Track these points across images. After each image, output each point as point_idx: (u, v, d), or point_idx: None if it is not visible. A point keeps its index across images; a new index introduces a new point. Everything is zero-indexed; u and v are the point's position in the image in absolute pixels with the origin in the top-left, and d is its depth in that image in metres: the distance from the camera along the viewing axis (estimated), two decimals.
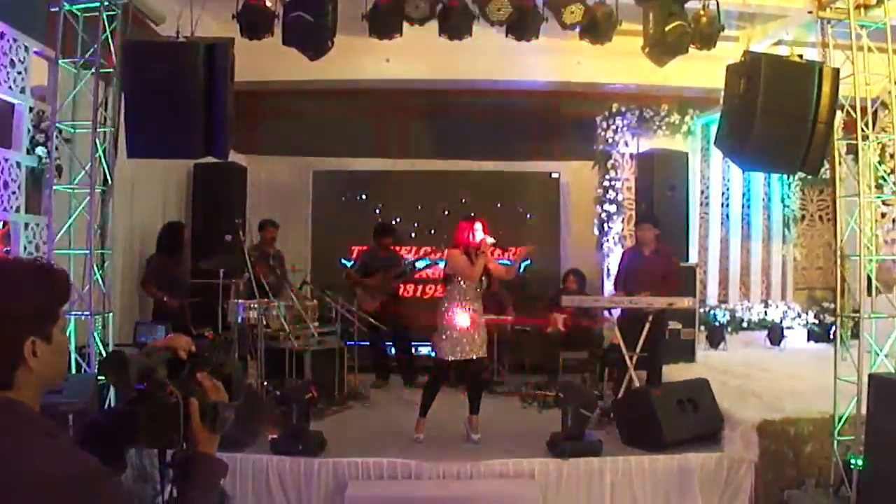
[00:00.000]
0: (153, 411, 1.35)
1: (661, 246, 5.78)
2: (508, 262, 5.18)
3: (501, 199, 7.83)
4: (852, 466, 4.13)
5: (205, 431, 1.40)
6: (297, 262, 6.76)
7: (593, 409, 4.76)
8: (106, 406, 3.93)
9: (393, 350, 6.91)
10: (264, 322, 5.33)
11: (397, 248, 7.29)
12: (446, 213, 7.74)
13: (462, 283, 4.75)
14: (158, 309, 5.87)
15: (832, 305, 6.80)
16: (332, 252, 7.79)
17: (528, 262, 7.38)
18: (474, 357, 4.78)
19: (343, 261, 7.58)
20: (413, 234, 7.82)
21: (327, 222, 7.83)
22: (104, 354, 4.20)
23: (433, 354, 4.97)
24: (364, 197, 7.92)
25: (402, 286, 7.33)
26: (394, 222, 7.31)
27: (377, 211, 7.79)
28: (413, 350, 6.95)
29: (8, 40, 4.38)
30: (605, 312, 6.34)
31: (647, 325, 5.26)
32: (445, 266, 4.89)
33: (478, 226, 4.79)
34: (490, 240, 4.76)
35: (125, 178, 5.54)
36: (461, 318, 4.71)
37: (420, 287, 7.81)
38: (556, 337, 6.70)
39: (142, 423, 1.34)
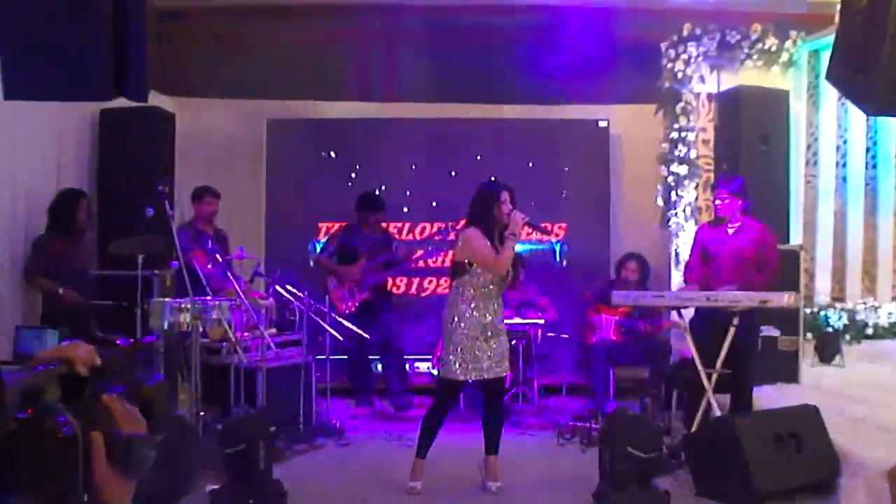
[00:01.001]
0: (40, 448, 1.33)
1: (750, 221, 5.75)
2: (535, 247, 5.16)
3: (530, 158, 7.88)
4: None
5: (114, 476, 1.38)
6: (246, 245, 6.74)
7: (657, 447, 4.74)
8: None
9: (380, 367, 6.97)
10: (201, 328, 5.33)
11: (387, 227, 7.36)
12: (453, 174, 7.77)
13: (481, 275, 4.76)
14: (50, 307, 5.86)
15: None
16: (294, 231, 7.82)
17: (559, 245, 7.39)
18: (493, 376, 4.80)
19: (317, 244, 7.62)
20: (406, 208, 7.85)
21: (287, 190, 7.87)
22: None
23: (436, 372, 5.00)
24: (336, 154, 7.98)
25: (392, 279, 7.38)
26: (378, 191, 7.34)
27: (353, 175, 7.85)
28: (407, 366, 7.01)
29: None
30: (673, 314, 6.32)
31: (732, 332, 5.23)
32: (456, 251, 4.90)
33: (503, 195, 4.78)
34: (520, 216, 4.73)
35: (2, 128, 5.51)
36: (476, 322, 4.74)
37: (417, 280, 7.85)
38: (604, 348, 6.73)
39: (23, 464, 1.32)
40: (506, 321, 5.05)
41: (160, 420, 1.51)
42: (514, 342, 6.42)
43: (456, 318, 4.76)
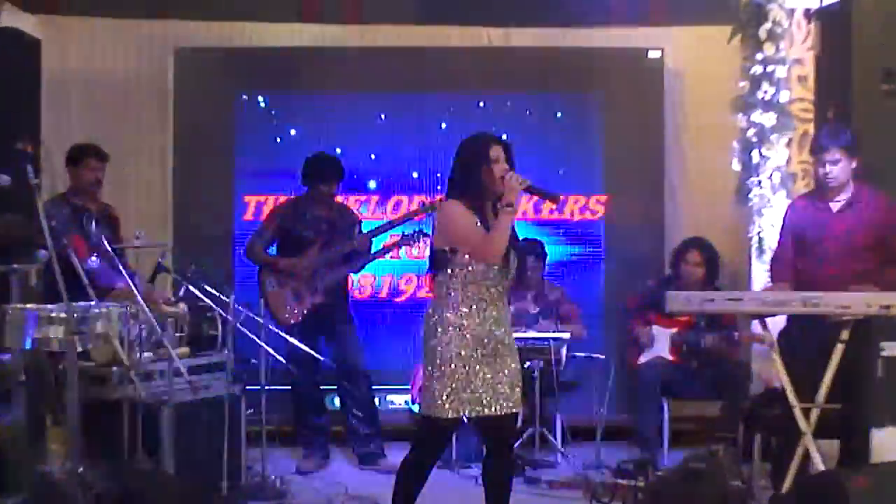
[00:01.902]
0: None
1: (866, 192, 5.74)
2: None
3: (550, 105, 7.85)
4: None
5: None
6: (146, 228, 6.62)
7: None
8: None
9: (337, 401, 7.04)
10: (80, 347, 5.20)
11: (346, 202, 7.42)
12: (442, 127, 7.82)
13: (470, 266, 4.69)
14: None
15: None
16: (214, 209, 7.84)
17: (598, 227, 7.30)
18: (497, 412, 4.75)
19: (242, 226, 7.60)
20: (374, 178, 7.89)
21: (204, 150, 7.91)
22: None
23: (416, 408, 4.89)
24: (273, 100, 8.04)
25: (354, 277, 7.41)
26: (334, 153, 7.33)
27: (296, 131, 7.90)
28: (376, 400, 7.07)
29: None
30: (755, 324, 6.31)
31: (840, 350, 5.20)
32: (435, 235, 4.87)
33: (494, 151, 4.71)
34: (517, 177, 4.66)
35: None
36: (470, 335, 4.69)
37: (389, 279, 7.89)
38: (656, 374, 6.75)
39: None
40: (516, 334, 5.04)
41: (15, 480, 1.37)
42: (528, 365, 6.48)
43: (440, 330, 4.71)
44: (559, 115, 7.84)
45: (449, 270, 4.72)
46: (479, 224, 4.70)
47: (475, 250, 4.67)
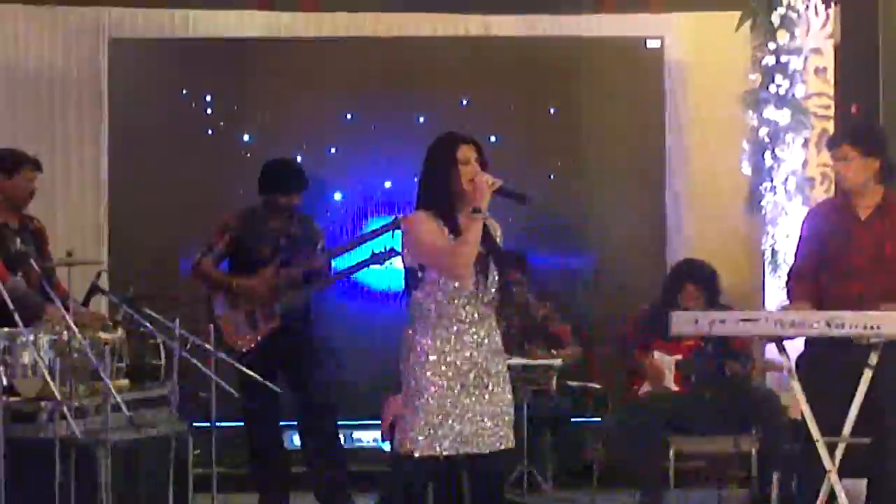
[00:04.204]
0: None
1: (895, 198, 5.72)
2: None
3: (537, 100, 7.87)
4: None
5: None
6: (78, 244, 6.67)
7: None
8: None
9: (298, 439, 6.98)
10: (3, 380, 5.21)
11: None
12: (421, 120, 7.86)
13: (441, 284, 4.68)
14: None
15: None
16: (155, 221, 7.80)
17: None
18: (482, 450, 4.71)
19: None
20: (339, 191, 7.88)
21: (144, 155, 7.89)
22: None
23: (387, 447, 4.89)
24: (223, 98, 8.10)
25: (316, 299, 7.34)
26: (294, 159, 7.34)
27: (249, 136, 7.93)
28: (342, 438, 7.06)
29: None
30: (769, 349, 6.36)
31: (868, 377, 5.17)
32: (403, 252, 4.87)
33: (463, 152, 4.67)
34: (487, 179, 4.61)
35: None
36: (450, 362, 4.67)
37: (359, 301, 7.89)
38: (659, 406, 6.70)
39: None
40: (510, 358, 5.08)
41: None
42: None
43: (413, 356, 4.70)
44: (550, 110, 7.86)
45: (421, 290, 4.71)
46: (449, 235, 4.66)
47: (440, 265, 4.66)
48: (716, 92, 7.87)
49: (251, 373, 6.17)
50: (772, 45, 7.36)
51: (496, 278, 4.74)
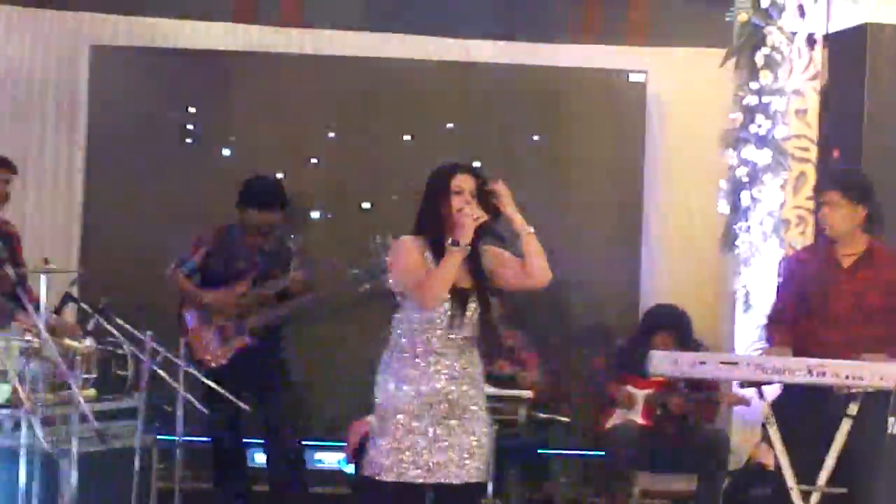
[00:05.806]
0: None
1: (880, 248, 5.75)
2: None
3: (515, 131, 7.89)
4: None
5: None
6: (51, 252, 6.65)
7: None
8: None
9: (265, 457, 6.98)
10: None
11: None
12: (406, 138, 7.82)
13: (415, 312, 4.69)
14: None
15: None
16: (129, 230, 7.71)
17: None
18: (450, 480, 4.69)
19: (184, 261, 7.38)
20: (317, 213, 7.91)
21: (121, 164, 7.87)
22: None
23: (354, 471, 4.87)
24: (203, 110, 8.05)
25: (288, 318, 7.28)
26: (273, 176, 7.34)
27: (228, 151, 7.91)
28: (304, 460, 7.02)
29: None
30: (736, 386, 6.35)
31: (846, 426, 5.20)
32: (390, 273, 4.87)
33: (458, 181, 4.67)
34: (470, 213, 4.59)
35: None
36: (418, 392, 4.67)
37: (333, 324, 7.79)
38: (627, 440, 6.72)
39: None
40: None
41: None
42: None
43: (384, 381, 4.73)
44: (534, 137, 7.87)
45: (399, 314, 4.72)
46: (431, 262, 4.66)
47: (411, 293, 4.66)
48: (696, 129, 7.88)
49: (218, 388, 6.13)
50: (754, 85, 7.37)
51: (476, 313, 4.74)
